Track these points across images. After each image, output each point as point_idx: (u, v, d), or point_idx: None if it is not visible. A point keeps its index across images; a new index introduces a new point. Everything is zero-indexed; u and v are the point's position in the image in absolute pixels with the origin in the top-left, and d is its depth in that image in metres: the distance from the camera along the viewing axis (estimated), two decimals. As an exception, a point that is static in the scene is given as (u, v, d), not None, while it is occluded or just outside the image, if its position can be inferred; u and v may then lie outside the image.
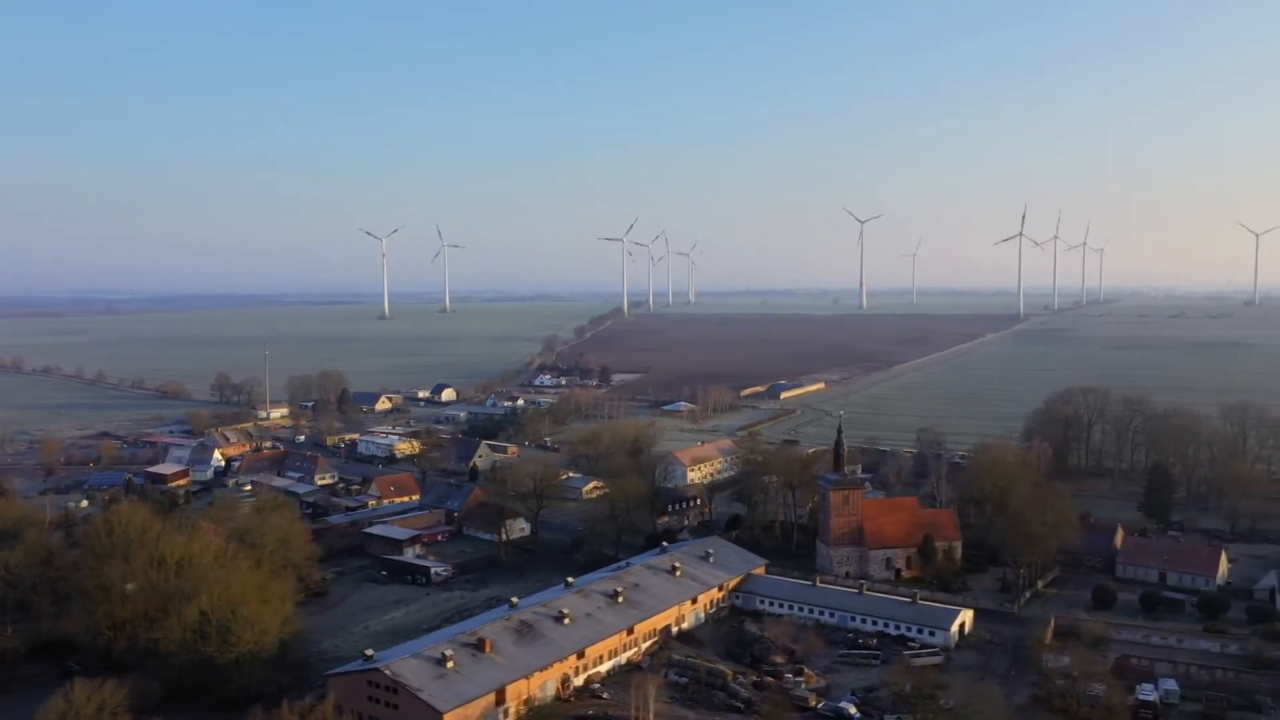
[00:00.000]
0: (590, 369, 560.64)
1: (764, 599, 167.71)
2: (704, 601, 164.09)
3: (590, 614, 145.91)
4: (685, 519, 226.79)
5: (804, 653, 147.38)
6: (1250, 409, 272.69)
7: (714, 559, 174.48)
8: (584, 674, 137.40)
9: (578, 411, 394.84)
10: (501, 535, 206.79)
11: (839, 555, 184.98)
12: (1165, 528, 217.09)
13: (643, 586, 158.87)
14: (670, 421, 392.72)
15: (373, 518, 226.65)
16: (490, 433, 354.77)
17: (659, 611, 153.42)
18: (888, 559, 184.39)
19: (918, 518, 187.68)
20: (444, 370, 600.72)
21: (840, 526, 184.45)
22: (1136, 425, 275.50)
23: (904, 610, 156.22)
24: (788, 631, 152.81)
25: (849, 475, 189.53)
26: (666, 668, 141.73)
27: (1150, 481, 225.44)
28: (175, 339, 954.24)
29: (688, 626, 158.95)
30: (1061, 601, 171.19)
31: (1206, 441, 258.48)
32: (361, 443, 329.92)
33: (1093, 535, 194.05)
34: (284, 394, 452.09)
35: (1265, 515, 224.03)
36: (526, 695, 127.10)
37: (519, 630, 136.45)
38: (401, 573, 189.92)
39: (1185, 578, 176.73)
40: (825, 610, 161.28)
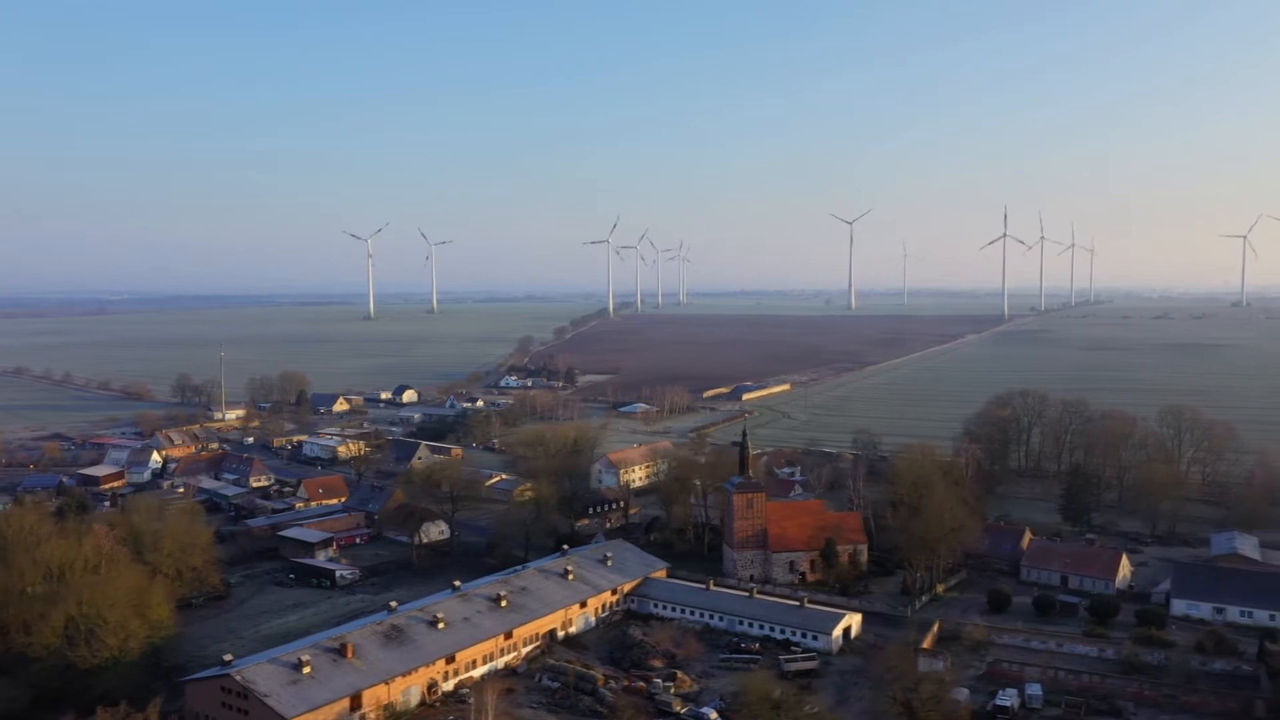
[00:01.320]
0: (557, 370, 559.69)
1: (658, 603, 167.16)
2: (594, 605, 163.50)
3: (468, 618, 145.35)
4: (607, 521, 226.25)
5: (683, 657, 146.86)
6: (1185, 411, 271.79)
7: (612, 562, 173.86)
8: (454, 679, 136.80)
9: (533, 413, 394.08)
10: (415, 538, 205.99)
11: (743, 558, 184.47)
12: (1083, 530, 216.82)
13: (530, 590, 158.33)
14: (624, 423, 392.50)
15: (294, 520, 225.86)
16: (440, 434, 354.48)
17: (543, 615, 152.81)
18: (791, 562, 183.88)
19: (823, 521, 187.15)
20: (417, 371, 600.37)
21: (744, 530, 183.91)
22: (1072, 428, 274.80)
23: (790, 614, 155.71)
24: (671, 636, 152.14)
25: (753, 479, 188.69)
26: (540, 672, 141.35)
27: (1069, 485, 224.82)
28: (156, 340, 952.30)
29: (575, 631, 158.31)
30: (959, 605, 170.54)
31: (1137, 444, 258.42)
32: (306, 445, 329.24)
33: (1001, 538, 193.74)
34: (245, 395, 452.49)
35: (1188, 518, 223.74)
36: (387, 700, 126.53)
37: (388, 635, 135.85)
38: (308, 576, 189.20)
39: (1086, 581, 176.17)
40: (715, 614, 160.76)
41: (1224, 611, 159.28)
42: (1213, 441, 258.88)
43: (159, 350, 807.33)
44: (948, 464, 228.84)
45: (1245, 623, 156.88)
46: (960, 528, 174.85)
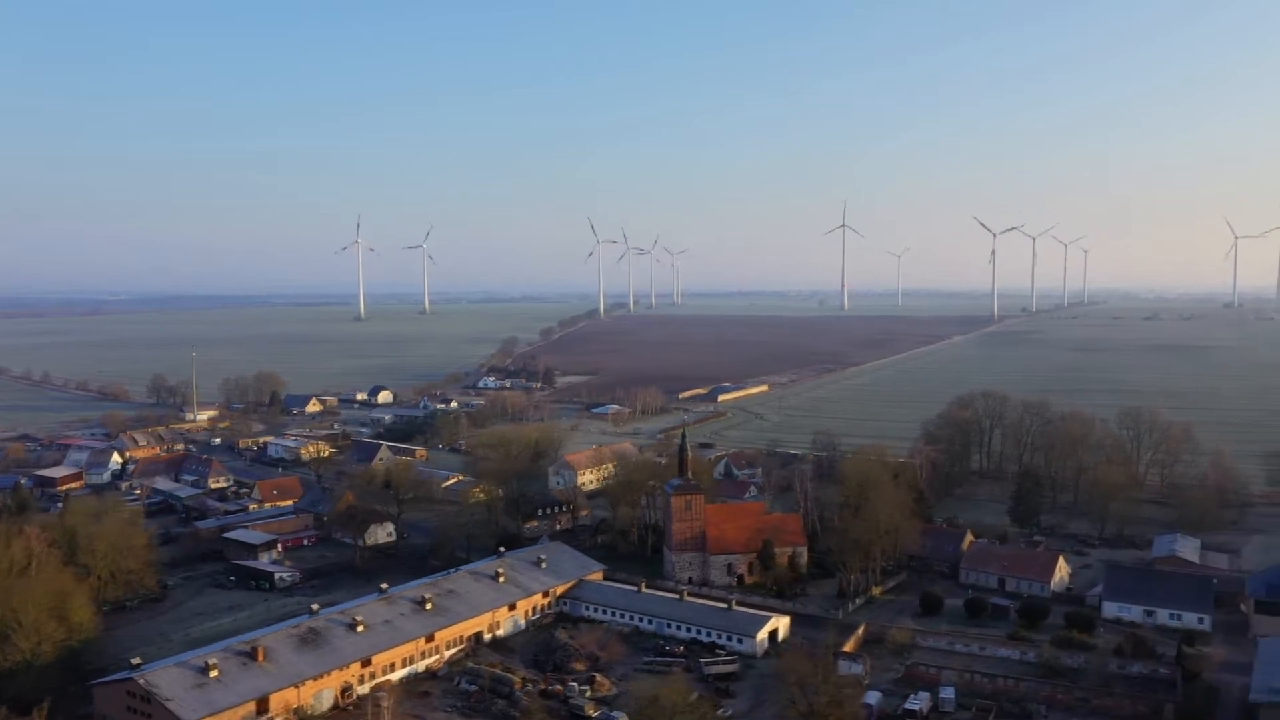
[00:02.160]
0: (537, 371, 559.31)
1: (589, 605, 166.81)
2: (524, 608, 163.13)
3: (389, 621, 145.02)
4: (556, 523, 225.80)
5: (606, 660, 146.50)
6: (1144, 413, 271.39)
7: (546, 565, 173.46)
8: (371, 682, 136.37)
9: (504, 414, 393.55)
10: (360, 539, 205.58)
11: (681, 560, 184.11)
12: (1031, 533, 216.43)
13: (458, 593, 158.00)
14: (595, 424, 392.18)
15: (244, 522, 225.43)
16: (407, 435, 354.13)
17: (468, 618, 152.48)
18: (729, 564, 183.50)
19: (762, 523, 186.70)
20: (400, 372, 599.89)
21: (682, 532, 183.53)
22: (1031, 429, 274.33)
23: (716, 617, 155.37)
24: (597, 639, 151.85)
25: (692, 481, 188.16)
26: (459, 675, 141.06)
27: (1018, 487, 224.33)
28: (145, 340, 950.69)
29: (503, 633, 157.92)
30: (893, 608, 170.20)
31: (1096, 446, 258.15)
32: (271, 446, 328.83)
33: (943, 540, 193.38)
34: (221, 395, 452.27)
35: (1140, 520, 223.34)
36: (296, 704, 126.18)
37: (304, 638, 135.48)
38: (248, 578, 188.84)
39: (1023, 583, 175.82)
40: (645, 617, 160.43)
41: (1154, 614, 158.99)
42: (1169, 443, 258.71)
43: (146, 351, 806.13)
44: (899, 465, 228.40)
45: (1174, 625, 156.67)
46: (895, 530, 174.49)
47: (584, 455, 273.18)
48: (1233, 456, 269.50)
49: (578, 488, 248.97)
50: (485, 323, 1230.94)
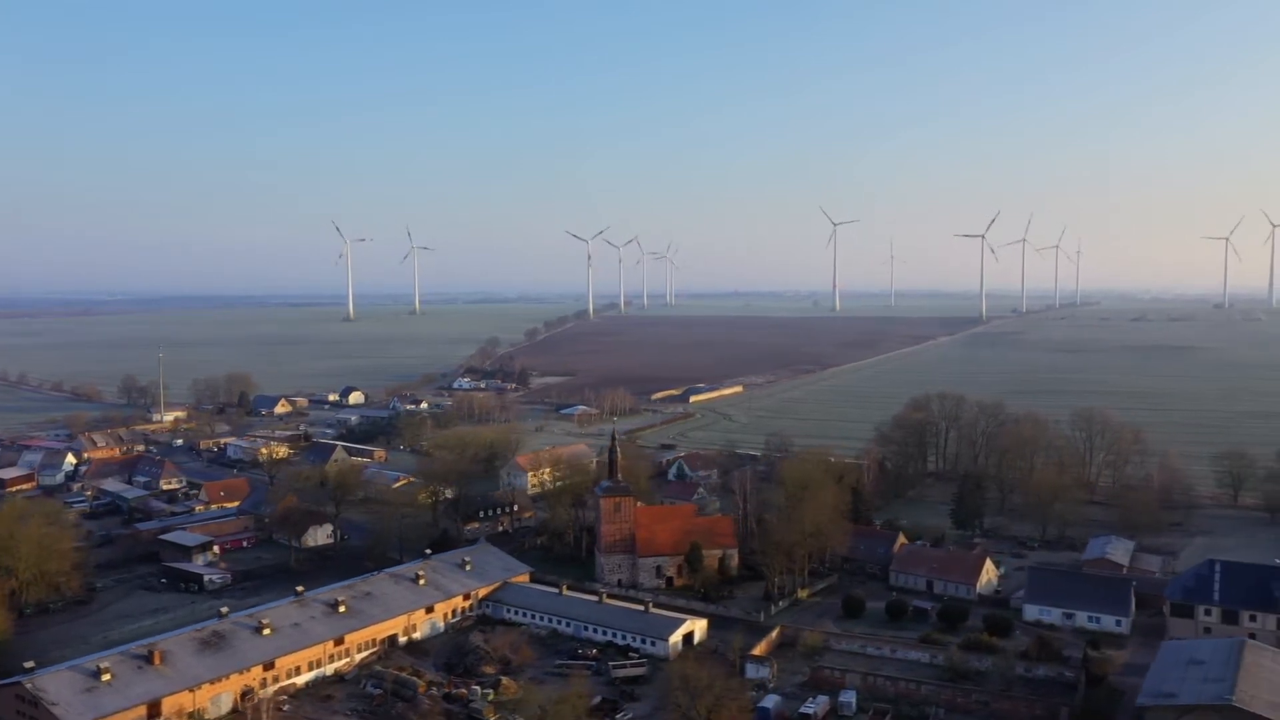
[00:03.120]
0: (513, 372, 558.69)
1: (511, 608, 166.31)
2: (444, 610, 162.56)
3: (298, 624, 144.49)
4: (499, 525, 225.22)
5: (518, 663, 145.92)
6: (1096, 415, 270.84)
7: (471, 567, 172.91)
8: (274, 686, 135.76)
9: (471, 415, 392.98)
10: (295, 541, 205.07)
11: (610, 563, 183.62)
12: (972, 535, 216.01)
13: (375, 596, 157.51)
14: (561, 425, 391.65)
15: (186, 524, 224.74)
16: (371, 436, 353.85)
17: (382, 621, 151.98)
18: (658, 567, 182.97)
19: (692, 525, 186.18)
20: (381, 372, 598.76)
21: (611, 534, 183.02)
22: (985, 431, 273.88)
23: (632, 620, 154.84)
24: (512, 641, 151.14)
25: (621, 483, 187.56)
26: (366, 679, 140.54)
27: (959, 489, 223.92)
28: (130, 340, 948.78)
29: (420, 636, 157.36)
30: (817, 610, 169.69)
31: (1049, 447, 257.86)
32: (230, 447, 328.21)
33: (875, 542, 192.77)
34: (191, 396, 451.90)
35: (1085, 521, 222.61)
36: (192, 708, 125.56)
37: (207, 641, 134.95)
38: (178, 580, 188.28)
39: (950, 586, 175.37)
40: (564, 619, 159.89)
41: (1073, 617, 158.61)
42: (1119, 445, 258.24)
43: (127, 351, 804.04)
44: (843, 467, 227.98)
45: (1092, 628, 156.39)
46: (820, 532, 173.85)
47: (534, 457, 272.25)
48: (1186, 458, 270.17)
49: (519, 489, 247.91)
50: (475, 323, 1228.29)
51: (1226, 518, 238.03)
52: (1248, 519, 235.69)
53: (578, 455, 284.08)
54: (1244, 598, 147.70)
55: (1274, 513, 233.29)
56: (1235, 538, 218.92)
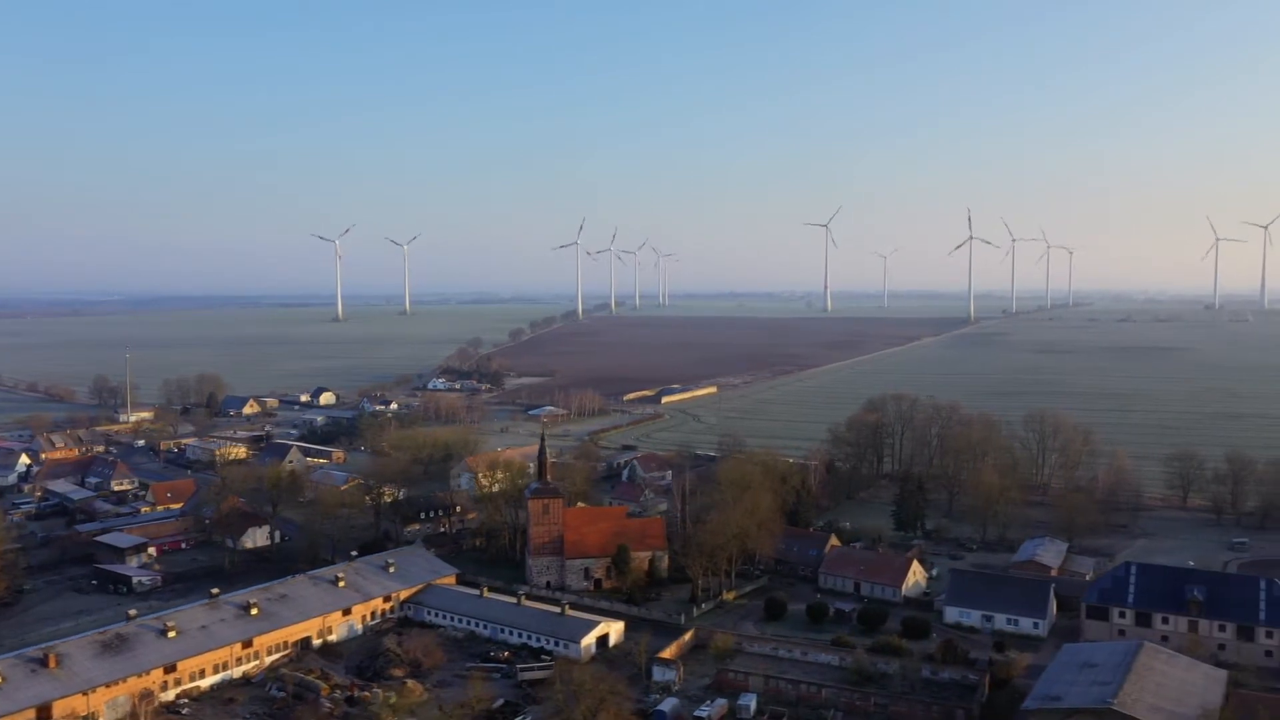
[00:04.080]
0: (489, 373, 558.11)
1: (432, 610, 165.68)
2: (362, 613, 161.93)
3: (205, 627, 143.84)
4: (441, 525, 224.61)
5: (429, 666, 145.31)
6: (1048, 416, 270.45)
7: (395, 569, 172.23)
8: (176, 689, 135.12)
9: (438, 416, 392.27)
10: (230, 542, 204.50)
11: (538, 565, 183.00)
12: (913, 537, 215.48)
13: (291, 598, 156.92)
14: (527, 426, 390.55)
15: (128, 525, 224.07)
16: (334, 437, 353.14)
17: (295, 623, 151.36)
18: (586, 569, 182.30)
19: (622, 527, 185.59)
20: (360, 373, 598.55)
21: (540, 535, 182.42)
22: (937, 432, 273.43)
23: (547, 622, 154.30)
24: (426, 644, 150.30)
25: (551, 484, 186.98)
26: (271, 682, 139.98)
27: (901, 491, 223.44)
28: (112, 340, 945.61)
29: (335, 639, 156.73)
30: (740, 613, 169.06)
31: (999, 449, 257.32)
32: (189, 448, 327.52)
33: (807, 544, 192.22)
34: (162, 397, 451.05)
35: (1026, 523, 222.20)
36: (86, 711, 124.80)
37: (108, 644, 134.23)
38: (108, 582, 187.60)
39: (877, 588, 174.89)
40: (481, 622, 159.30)
41: (992, 619, 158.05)
42: (1069, 447, 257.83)
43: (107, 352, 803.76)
44: (787, 468, 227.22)
45: (1010, 630, 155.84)
46: (744, 534, 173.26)
47: (484, 458, 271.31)
48: (1142, 460, 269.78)
49: (460, 490, 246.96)
50: (465, 324, 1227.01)
51: (1174, 519, 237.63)
52: (1194, 521, 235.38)
53: (530, 456, 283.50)
54: (1157, 600, 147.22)
55: (1220, 514, 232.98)
56: (1178, 539, 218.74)
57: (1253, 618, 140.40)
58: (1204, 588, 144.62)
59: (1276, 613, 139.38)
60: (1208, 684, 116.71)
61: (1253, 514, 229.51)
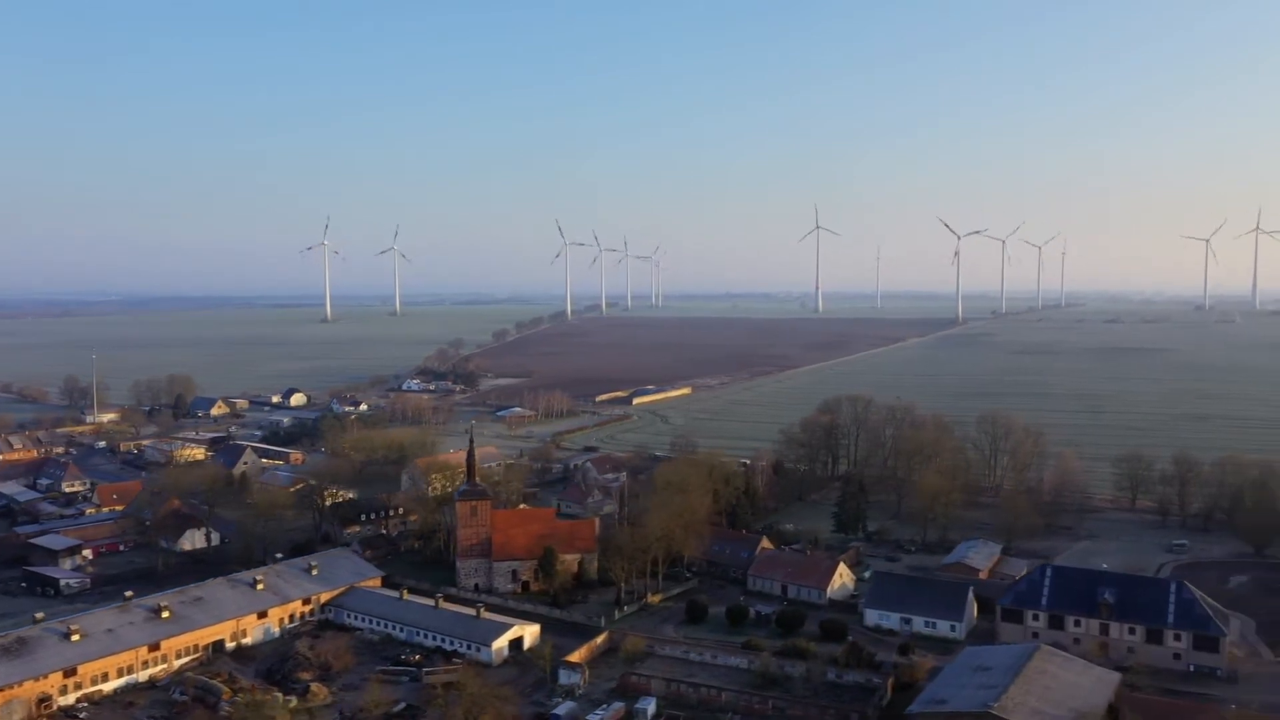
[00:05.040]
0: (465, 374, 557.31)
1: (351, 613, 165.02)
2: (279, 616, 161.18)
3: (112, 630, 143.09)
4: (382, 527, 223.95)
5: (338, 670, 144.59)
6: (999, 418, 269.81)
7: (318, 571, 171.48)
8: (76, 693, 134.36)
9: (404, 418, 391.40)
10: (171, 543, 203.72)
11: (466, 567, 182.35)
12: (851, 538, 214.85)
13: (206, 601, 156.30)
14: (494, 428, 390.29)
15: (68, 527, 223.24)
16: (297, 438, 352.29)
17: (206, 626, 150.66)
18: (514, 571, 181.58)
19: (551, 529, 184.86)
20: (339, 373, 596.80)
21: (468, 538, 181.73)
22: (892, 434, 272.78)
23: (460, 625, 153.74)
24: (339, 647, 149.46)
25: (479, 486, 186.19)
26: (175, 686, 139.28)
27: (842, 493, 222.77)
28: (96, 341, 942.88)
29: (250, 642, 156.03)
30: (661, 615, 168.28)
31: (949, 451, 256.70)
32: (148, 449, 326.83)
33: (739, 547, 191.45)
34: (132, 398, 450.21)
35: (969, 525, 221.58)
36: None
37: (8, 648, 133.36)
38: (36, 584, 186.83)
39: (803, 590, 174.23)
40: (398, 625, 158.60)
41: (911, 622, 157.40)
42: (1019, 448, 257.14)
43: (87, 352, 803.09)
44: (729, 470, 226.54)
45: (928, 632, 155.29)
46: (667, 536, 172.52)
47: (434, 460, 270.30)
48: (1100, 460, 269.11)
49: (400, 493, 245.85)
50: (454, 325, 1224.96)
51: (1122, 521, 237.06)
52: (1141, 522, 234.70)
53: (488, 458, 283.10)
54: (1070, 603, 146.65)
55: (1165, 516, 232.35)
56: (1121, 541, 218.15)
57: (1161, 620, 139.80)
58: (1115, 590, 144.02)
59: (1185, 616, 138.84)
60: (1097, 687, 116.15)
61: (1197, 516, 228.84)
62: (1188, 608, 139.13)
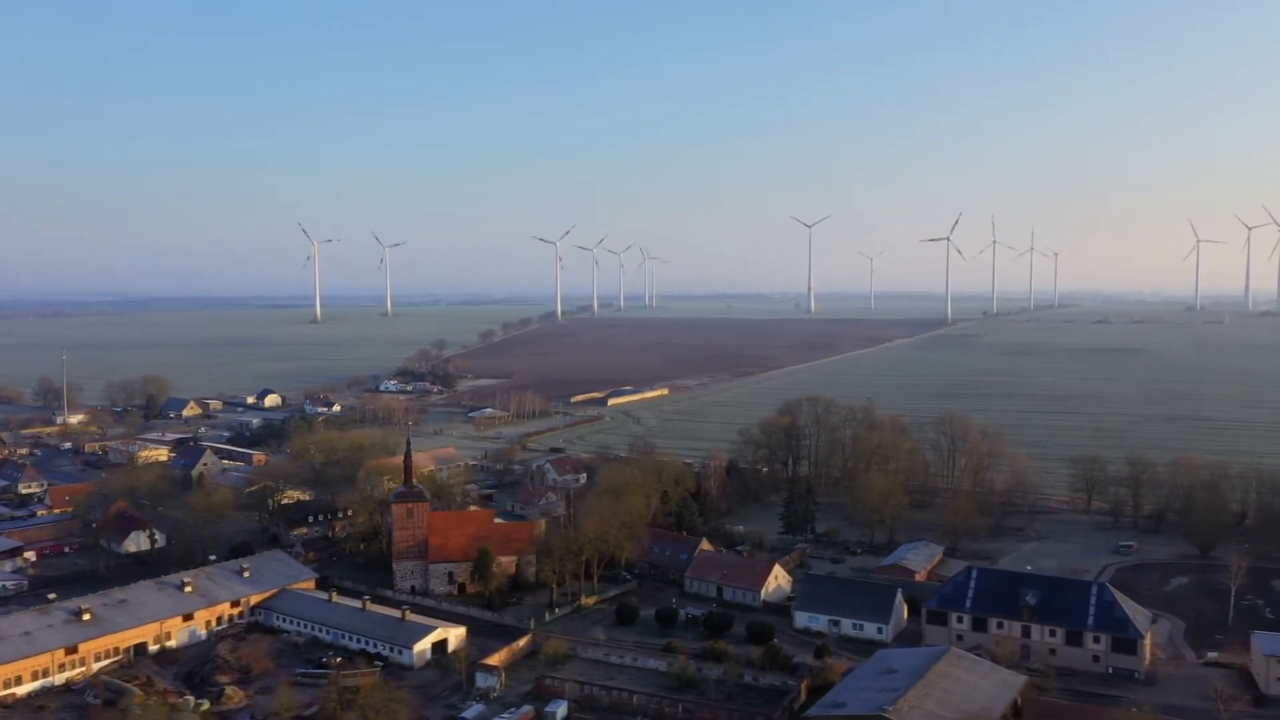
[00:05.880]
0: (443, 374, 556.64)
1: (280, 615, 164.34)
2: (205, 618, 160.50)
3: (29, 633, 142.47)
4: (331, 529, 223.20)
5: (257, 673, 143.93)
6: (957, 420, 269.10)
7: (249, 574, 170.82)
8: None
9: (375, 419, 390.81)
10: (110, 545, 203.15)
11: (402, 569, 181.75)
12: (798, 540, 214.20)
13: (130, 603, 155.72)
14: (464, 429, 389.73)
15: (9, 529, 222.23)
16: (262, 440, 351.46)
17: (128, 629, 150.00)
18: (450, 573, 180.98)
19: (488, 531, 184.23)
20: (318, 374, 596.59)
21: (404, 540, 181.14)
22: (852, 435, 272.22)
23: (383, 627, 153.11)
24: (255, 651, 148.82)
25: (416, 488, 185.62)
26: (90, 689, 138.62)
27: (789, 494, 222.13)
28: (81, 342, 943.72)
29: (175, 644, 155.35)
30: (593, 617, 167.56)
31: (909, 452, 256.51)
32: (111, 450, 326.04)
33: (679, 548, 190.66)
34: (105, 398, 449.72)
35: (919, 526, 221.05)
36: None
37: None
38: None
39: (738, 593, 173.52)
40: (324, 627, 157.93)
41: (839, 624, 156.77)
42: (975, 450, 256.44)
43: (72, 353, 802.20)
44: (679, 471, 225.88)
45: (856, 635, 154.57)
46: (599, 539, 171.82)
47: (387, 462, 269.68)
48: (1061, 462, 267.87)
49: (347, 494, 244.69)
50: (444, 325, 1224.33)
51: (1075, 522, 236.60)
52: (1094, 524, 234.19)
53: (447, 459, 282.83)
54: (993, 605, 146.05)
55: (1117, 517, 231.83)
56: (1070, 543, 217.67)
57: (1081, 623, 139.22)
58: (1038, 593, 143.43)
59: (1104, 618, 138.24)
60: (1000, 690, 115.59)
61: (1150, 517, 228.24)
62: (1108, 610, 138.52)
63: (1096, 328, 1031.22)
